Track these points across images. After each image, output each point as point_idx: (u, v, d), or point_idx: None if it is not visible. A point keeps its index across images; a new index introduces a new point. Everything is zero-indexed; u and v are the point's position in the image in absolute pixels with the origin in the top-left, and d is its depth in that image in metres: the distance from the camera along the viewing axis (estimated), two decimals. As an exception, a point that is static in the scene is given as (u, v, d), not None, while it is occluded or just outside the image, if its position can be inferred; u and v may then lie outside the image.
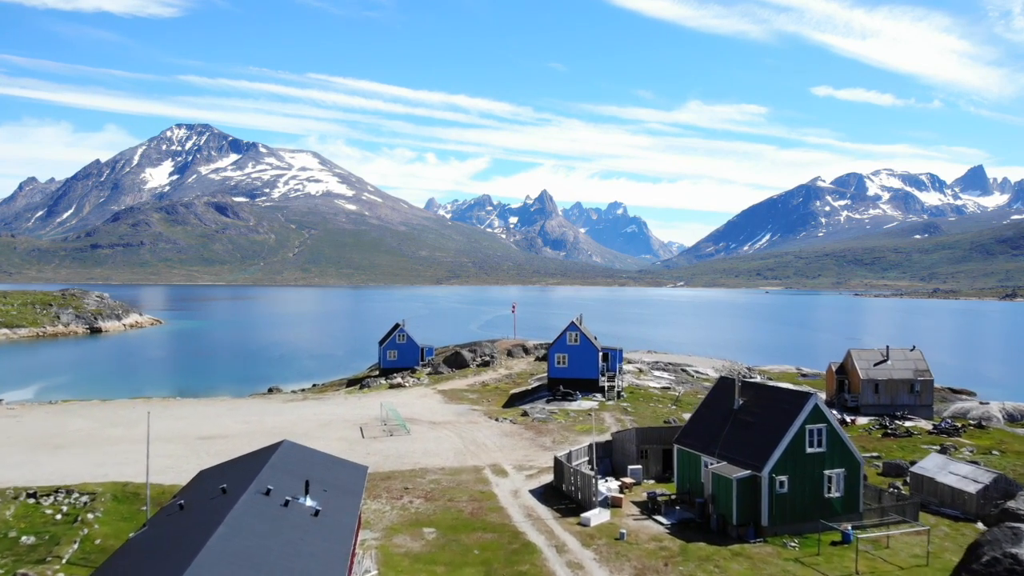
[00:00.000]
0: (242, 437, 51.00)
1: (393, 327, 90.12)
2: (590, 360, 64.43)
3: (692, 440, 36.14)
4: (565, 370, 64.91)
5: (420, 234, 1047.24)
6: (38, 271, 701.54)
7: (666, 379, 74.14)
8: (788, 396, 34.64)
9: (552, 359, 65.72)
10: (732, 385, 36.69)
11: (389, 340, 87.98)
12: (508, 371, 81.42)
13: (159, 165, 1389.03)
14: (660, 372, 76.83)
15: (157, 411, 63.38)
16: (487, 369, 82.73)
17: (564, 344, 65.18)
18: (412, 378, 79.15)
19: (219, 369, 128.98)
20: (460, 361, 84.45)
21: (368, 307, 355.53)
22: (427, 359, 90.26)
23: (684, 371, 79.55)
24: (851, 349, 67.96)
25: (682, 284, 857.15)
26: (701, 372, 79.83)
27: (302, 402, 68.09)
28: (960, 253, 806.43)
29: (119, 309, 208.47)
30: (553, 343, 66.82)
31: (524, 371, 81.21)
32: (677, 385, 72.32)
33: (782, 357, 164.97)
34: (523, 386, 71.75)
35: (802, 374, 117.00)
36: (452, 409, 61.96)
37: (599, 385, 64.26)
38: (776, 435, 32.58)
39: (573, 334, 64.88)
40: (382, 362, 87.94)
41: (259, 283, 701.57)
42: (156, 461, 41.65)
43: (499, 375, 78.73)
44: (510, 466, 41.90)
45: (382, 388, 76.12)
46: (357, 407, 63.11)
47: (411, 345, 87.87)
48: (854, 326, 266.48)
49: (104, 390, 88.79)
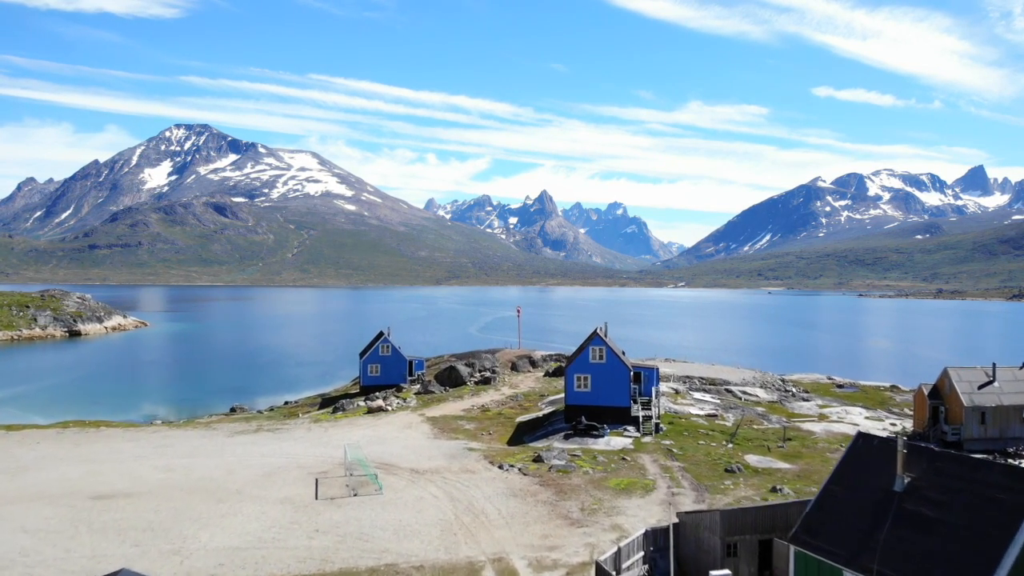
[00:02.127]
0: (153, 496, 36.98)
1: (376, 336, 75.79)
2: (619, 383, 50.27)
3: (823, 540, 21.97)
4: (587, 395, 50.67)
5: (419, 234, 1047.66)
6: (35, 272, 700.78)
7: (709, 403, 59.94)
8: (1004, 477, 20.35)
9: (570, 381, 51.44)
10: (887, 451, 22.58)
11: (370, 352, 73.81)
12: (513, 390, 67.31)
13: (158, 165, 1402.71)
14: (699, 394, 62.64)
15: (65, 447, 49.50)
16: (487, 387, 68.53)
17: (586, 362, 50.87)
18: (397, 399, 65.10)
19: (187, 379, 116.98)
20: (455, 378, 70.24)
21: (365, 308, 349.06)
22: (416, 374, 76.20)
23: (728, 391, 65.28)
24: (948, 368, 53.85)
25: (683, 284, 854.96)
26: (749, 393, 65.61)
27: (254, 434, 53.91)
28: (962, 253, 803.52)
29: (101, 311, 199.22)
30: (571, 360, 52.43)
31: (532, 391, 67.04)
32: (724, 411, 58.15)
33: (808, 363, 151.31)
34: (532, 411, 57.79)
35: (837, 385, 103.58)
36: (442, 448, 47.74)
37: (631, 415, 50.16)
38: (991, 546, 18.74)
39: (597, 349, 50.53)
40: (363, 379, 73.89)
41: (257, 284, 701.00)
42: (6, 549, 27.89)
43: (502, 396, 64.58)
44: (524, 561, 27.76)
45: (359, 413, 62.03)
46: (320, 444, 49.00)
47: (397, 358, 73.79)
48: (872, 329, 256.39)
49: (27, 411, 75.23)
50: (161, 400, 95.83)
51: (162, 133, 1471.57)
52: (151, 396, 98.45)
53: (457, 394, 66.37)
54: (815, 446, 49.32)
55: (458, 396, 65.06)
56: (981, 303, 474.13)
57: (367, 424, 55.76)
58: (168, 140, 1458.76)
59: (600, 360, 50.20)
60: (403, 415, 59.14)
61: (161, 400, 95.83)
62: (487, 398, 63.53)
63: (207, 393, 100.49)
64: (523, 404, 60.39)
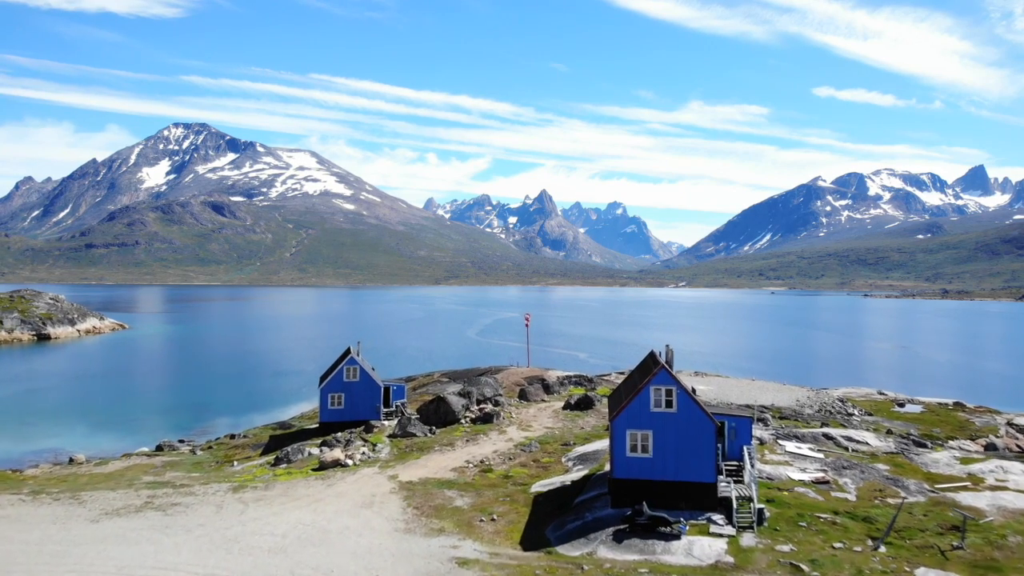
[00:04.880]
0: None
1: (340, 356, 56.96)
2: (699, 444, 31.45)
3: None
4: (648, 465, 31.62)
5: (419, 234, 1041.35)
6: (32, 271, 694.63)
7: (809, 457, 41.42)
8: None
9: (620, 439, 32.09)
10: None
11: (332, 377, 54.78)
12: (523, 432, 48.76)
13: (156, 164, 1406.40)
14: (791, 443, 44.09)
15: None
16: (488, 428, 49.78)
17: (644, 409, 31.59)
18: (364, 446, 46.73)
19: (135, 396, 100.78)
20: (445, 413, 51.29)
21: (362, 309, 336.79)
22: (394, 404, 57.89)
23: (828, 437, 46.65)
24: None
25: (684, 284, 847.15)
26: (856, 440, 47.02)
27: (132, 517, 35.31)
28: (965, 253, 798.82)
29: (74, 313, 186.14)
30: (621, 406, 32.17)
31: (550, 434, 48.51)
32: (835, 472, 39.70)
33: (847, 374, 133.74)
34: (554, 473, 39.52)
35: (897, 403, 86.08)
36: (417, 557, 29.30)
37: (717, 494, 31.78)
38: None
39: (664, 390, 31.74)
40: (322, 412, 54.94)
41: (255, 283, 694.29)
42: None
43: (509, 443, 46.00)
44: None
45: (306, 469, 43.57)
46: (221, 547, 30.54)
47: (367, 385, 54.79)
48: (891, 331, 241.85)
49: None
50: (86, 426, 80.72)
51: (160, 132, 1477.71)
52: (76, 420, 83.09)
53: (447, 438, 47.82)
54: (1006, 543, 31.20)
55: (448, 443, 46.37)
56: (990, 304, 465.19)
57: (310, 496, 37.33)
58: (166, 139, 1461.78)
59: (668, 408, 31.55)
60: (368, 477, 40.64)
61: (86, 426, 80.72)
62: (488, 447, 44.95)
63: (152, 413, 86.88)
64: (540, 459, 41.85)
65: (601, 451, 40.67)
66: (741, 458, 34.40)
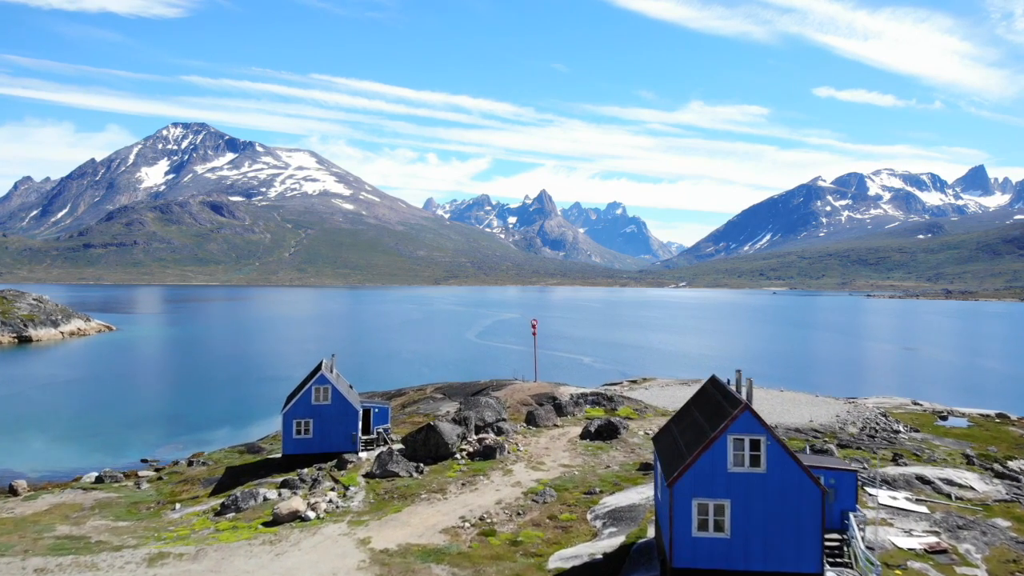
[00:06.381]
0: None
1: (310, 373, 46.44)
2: (800, 518, 21.37)
3: None
4: (725, 549, 21.73)
5: (418, 234, 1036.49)
6: (29, 271, 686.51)
7: (912, 512, 31.53)
8: None
9: (684, 514, 21.15)
10: None
11: (298, 399, 44.21)
12: (534, 473, 38.71)
13: (155, 164, 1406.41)
14: (884, 491, 34.09)
15: None
16: (490, 468, 39.36)
17: (719, 469, 21.52)
18: (332, 492, 36.84)
19: (102, 406, 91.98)
20: (436, 446, 40.63)
21: (360, 309, 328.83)
22: (375, 430, 47.82)
23: (923, 481, 36.69)
24: None
25: (684, 284, 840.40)
26: (956, 482, 37.12)
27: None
28: (966, 253, 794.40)
29: (58, 314, 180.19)
30: (683, 471, 21.71)
31: (568, 475, 38.45)
32: (952, 536, 29.86)
33: (873, 382, 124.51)
34: (577, 538, 29.55)
35: (939, 416, 77.29)
36: None
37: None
38: None
39: (749, 441, 21.04)
40: (285, 443, 43.87)
41: (254, 283, 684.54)
42: None
43: (516, 488, 35.88)
44: None
45: (257, 522, 33.72)
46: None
47: (341, 408, 44.23)
48: (904, 334, 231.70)
49: None
50: (45, 440, 72.51)
51: (159, 132, 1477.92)
52: (35, 434, 76.49)
53: (437, 481, 37.72)
54: None
55: (438, 488, 36.23)
56: (994, 304, 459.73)
57: (250, 570, 27.53)
58: (165, 139, 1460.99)
59: (751, 467, 21.59)
60: (331, 540, 30.71)
61: (45, 440, 72.51)
62: (489, 494, 34.89)
63: (121, 427, 78.90)
64: (557, 515, 31.85)
65: (640, 506, 30.78)
66: (845, 529, 24.63)
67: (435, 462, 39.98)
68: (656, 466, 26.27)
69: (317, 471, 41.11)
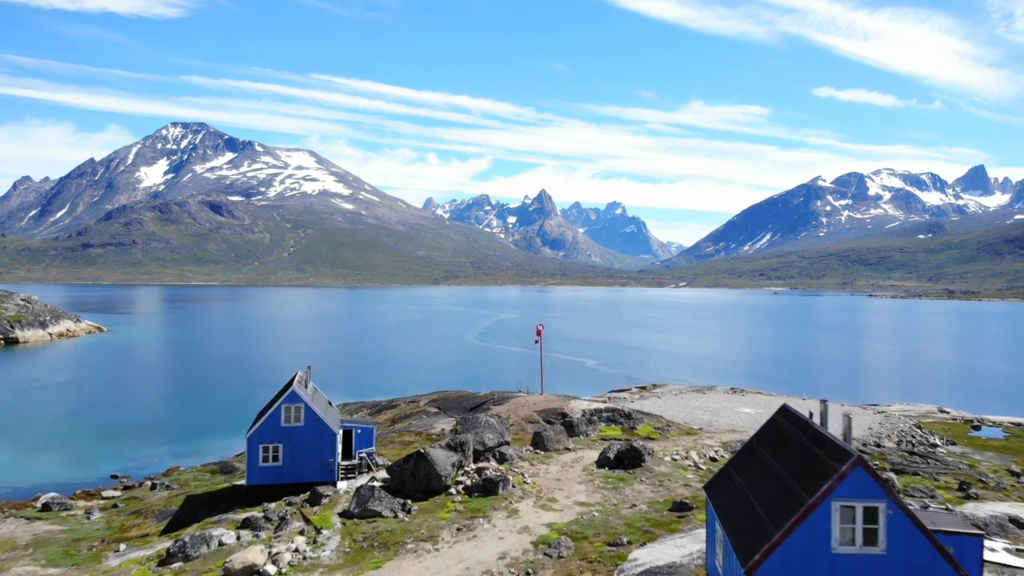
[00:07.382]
0: None
1: (282, 389, 39.78)
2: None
3: None
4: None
5: (418, 234, 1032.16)
6: (28, 271, 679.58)
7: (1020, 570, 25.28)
8: None
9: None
10: None
11: (265, 420, 37.41)
12: (545, 514, 32.06)
13: (154, 164, 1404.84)
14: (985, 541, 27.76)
15: None
16: (491, 507, 32.63)
17: (819, 544, 15.01)
18: (300, 536, 30.40)
19: (79, 413, 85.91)
20: (427, 478, 33.64)
21: (359, 309, 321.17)
22: (357, 455, 41.03)
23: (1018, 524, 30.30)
24: None
25: (684, 284, 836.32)
26: None
27: None
28: (967, 253, 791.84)
29: (47, 315, 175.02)
30: (770, 549, 13.85)
31: (587, 517, 31.70)
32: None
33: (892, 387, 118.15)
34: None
35: (972, 425, 71.99)
36: None
37: None
38: None
39: (862, 509, 13.88)
40: (250, 471, 37.02)
41: (253, 283, 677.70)
42: None
43: (524, 536, 29.26)
44: None
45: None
46: None
47: (316, 431, 37.48)
48: (911, 334, 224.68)
49: None
50: (10, 454, 66.08)
51: (158, 131, 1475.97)
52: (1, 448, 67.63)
53: (427, 524, 31.09)
54: None
55: (428, 535, 29.61)
56: (997, 304, 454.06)
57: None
58: (164, 138, 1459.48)
59: (868, 547, 14.79)
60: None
61: (10, 454, 66.08)
62: (490, 544, 28.27)
63: (96, 437, 72.97)
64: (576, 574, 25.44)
65: (681, 567, 24.23)
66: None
67: (426, 497, 33.48)
68: (713, 526, 19.93)
69: (286, 506, 34.64)
